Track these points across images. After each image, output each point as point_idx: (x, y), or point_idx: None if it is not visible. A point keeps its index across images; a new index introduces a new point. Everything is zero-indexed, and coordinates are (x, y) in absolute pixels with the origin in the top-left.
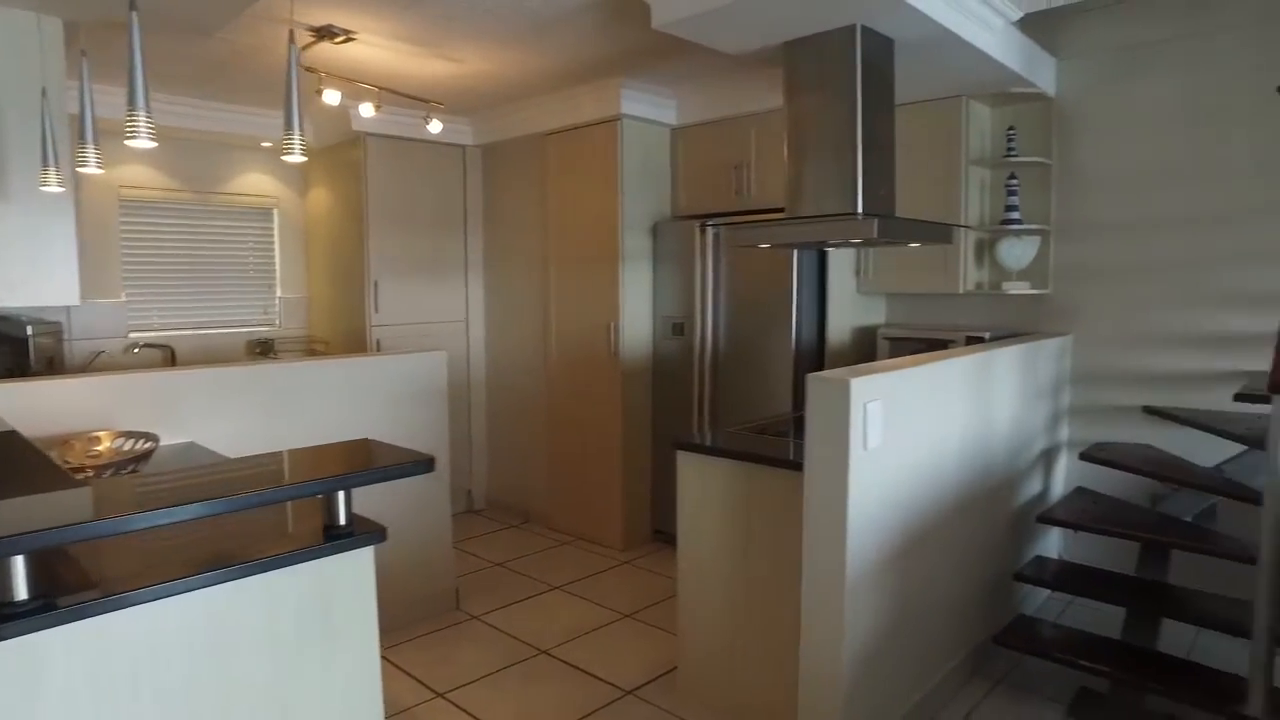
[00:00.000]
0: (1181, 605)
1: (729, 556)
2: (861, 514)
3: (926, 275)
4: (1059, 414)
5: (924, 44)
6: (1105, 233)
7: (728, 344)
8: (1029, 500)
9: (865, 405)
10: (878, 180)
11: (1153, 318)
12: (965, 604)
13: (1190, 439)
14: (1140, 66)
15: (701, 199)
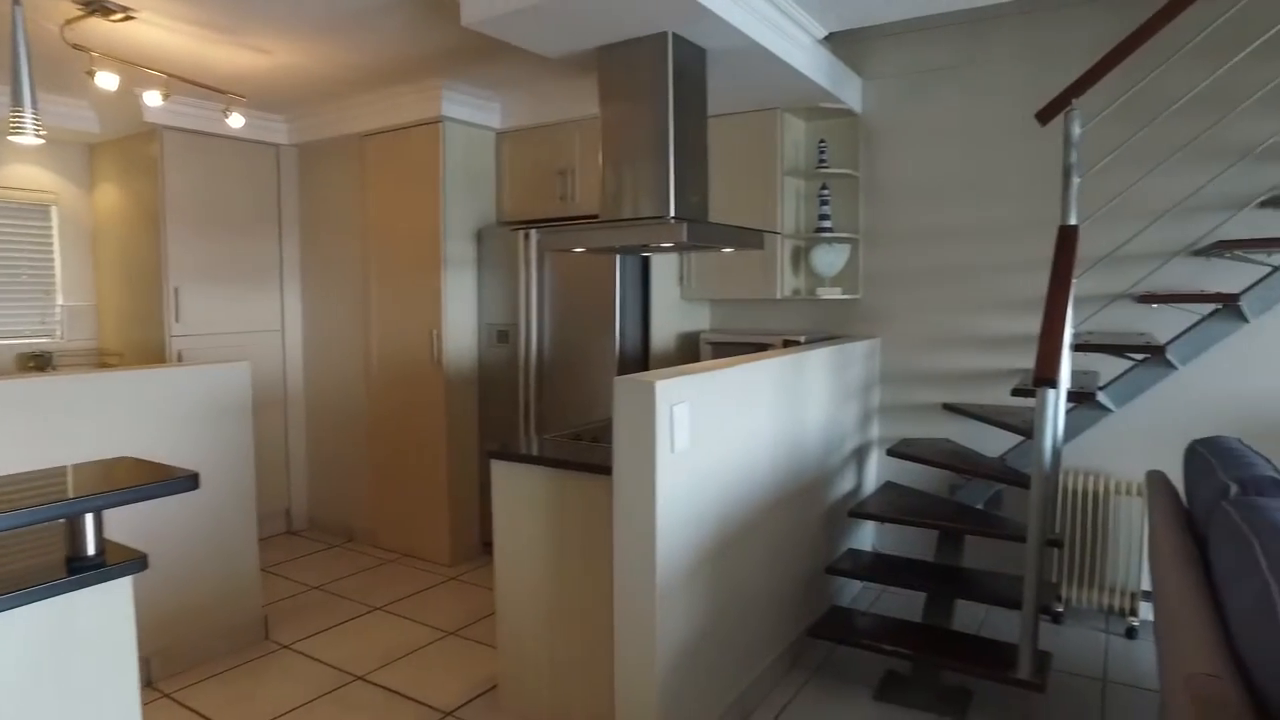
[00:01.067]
0: (972, 586)
1: (545, 566)
2: (671, 516)
3: (746, 281)
4: (869, 413)
5: (736, 55)
6: (906, 241)
7: (553, 350)
8: (842, 496)
9: (672, 408)
10: (690, 186)
11: (947, 321)
12: (782, 599)
13: (982, 432)
14: (931, 89)
15: (527, 205)
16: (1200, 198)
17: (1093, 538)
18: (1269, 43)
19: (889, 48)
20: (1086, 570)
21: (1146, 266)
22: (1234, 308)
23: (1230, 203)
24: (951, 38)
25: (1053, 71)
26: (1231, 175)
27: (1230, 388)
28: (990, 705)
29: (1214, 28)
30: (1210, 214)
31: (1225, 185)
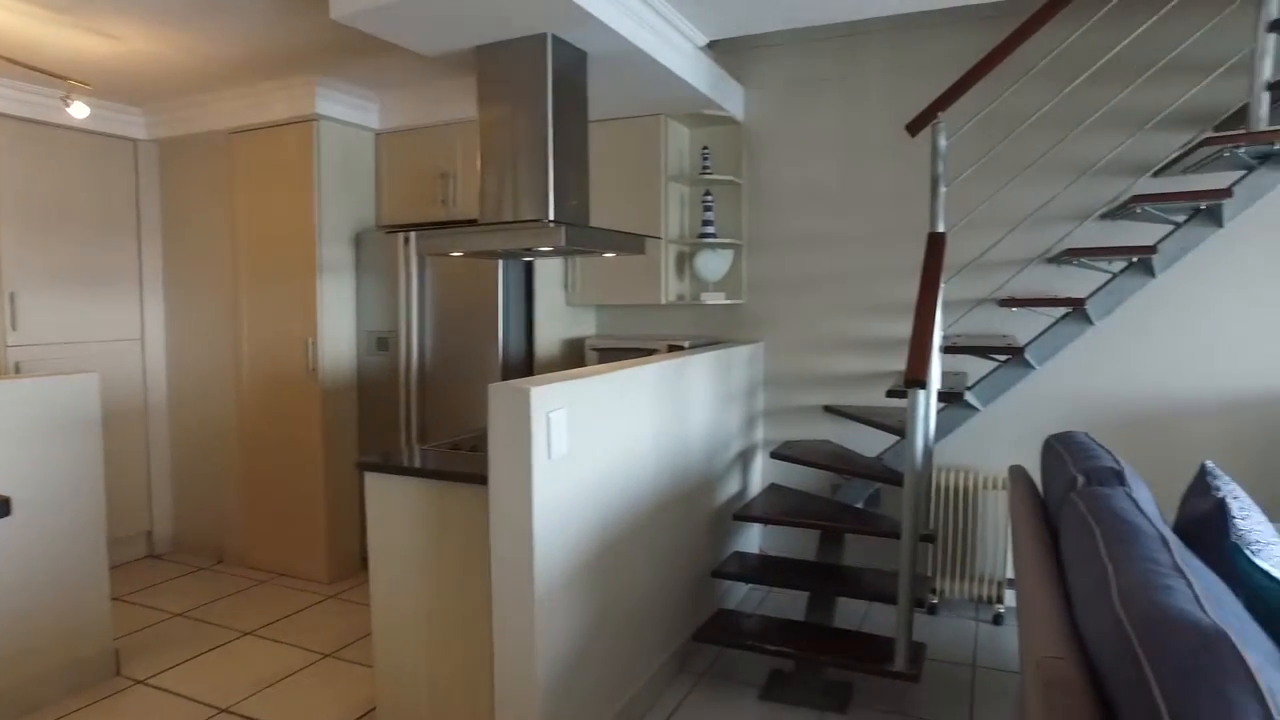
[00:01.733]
0: (853, 583)
1: (423, 580)
2: (550, 524)
3: (631, 287)
4: (754, 416)
5: (618, 59)
6: (788, 247)
7: (435, 358)
8: (728, 499)
9: (548, 414)
10: (570, 190)
11: (827, 324)
12: (668, 603)
13: (861, 432)
14: (810, 99)
15: (407, 208)
16: (1051, 209)
17: (963, 531)
18: (1103, 69)
19: (770, 58)
20: (958, 562)
21: (1007, 272)
22: (1081, 311)
23: (1076, 214)
24: (828, 50)
25: (922, 85)
26: (1077, 188)
27: (1081, 385)
28: (870, 697)
29: (1057, 53)
30: (1060, 224)
31: (1072, 198)
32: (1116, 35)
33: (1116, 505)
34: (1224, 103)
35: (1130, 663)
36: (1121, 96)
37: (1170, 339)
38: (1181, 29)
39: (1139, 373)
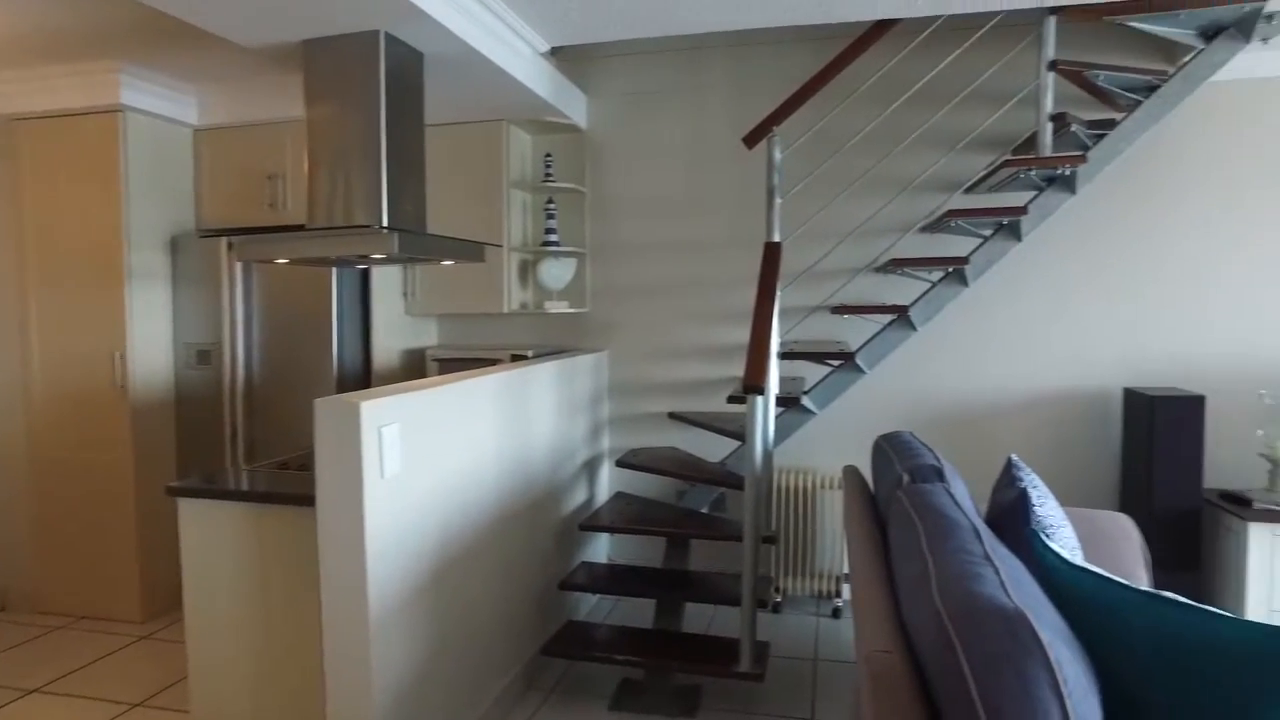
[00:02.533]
0: (699, 588)
1: (246, 612)
2: (384, 546)
3: (473, 296)
4: (599, 424)
5: (456, 61)
6: (632, 256)
7: (264, 371)
8: (574, 509)
9: (380, 429)
10: (405, 195)
11: (671, 332)
12: (515, 619)
13: (706, 438)
14: (652, 109)
15: (231, 211)
16: (877, 221)
17: (803, 530)
18: (919, 94)
19: (613, 67)
20: (799, 561)
21: (839, 281)
22: (905, 318)
23: (900, 226)
24: (670, 62)
25: (760, 100)
26: (900, 203)
27: (907, 387)
28: (719, 699)
29: (878, 78)
30: (886, 236)
31: (896, 211)
32: (929, 64)
33: (937, 501)
34: (1020, 129)
35: (947, 649)
36: (934, 120)
37: (982, 343)
38: (982, 62)
39: (956, 374)
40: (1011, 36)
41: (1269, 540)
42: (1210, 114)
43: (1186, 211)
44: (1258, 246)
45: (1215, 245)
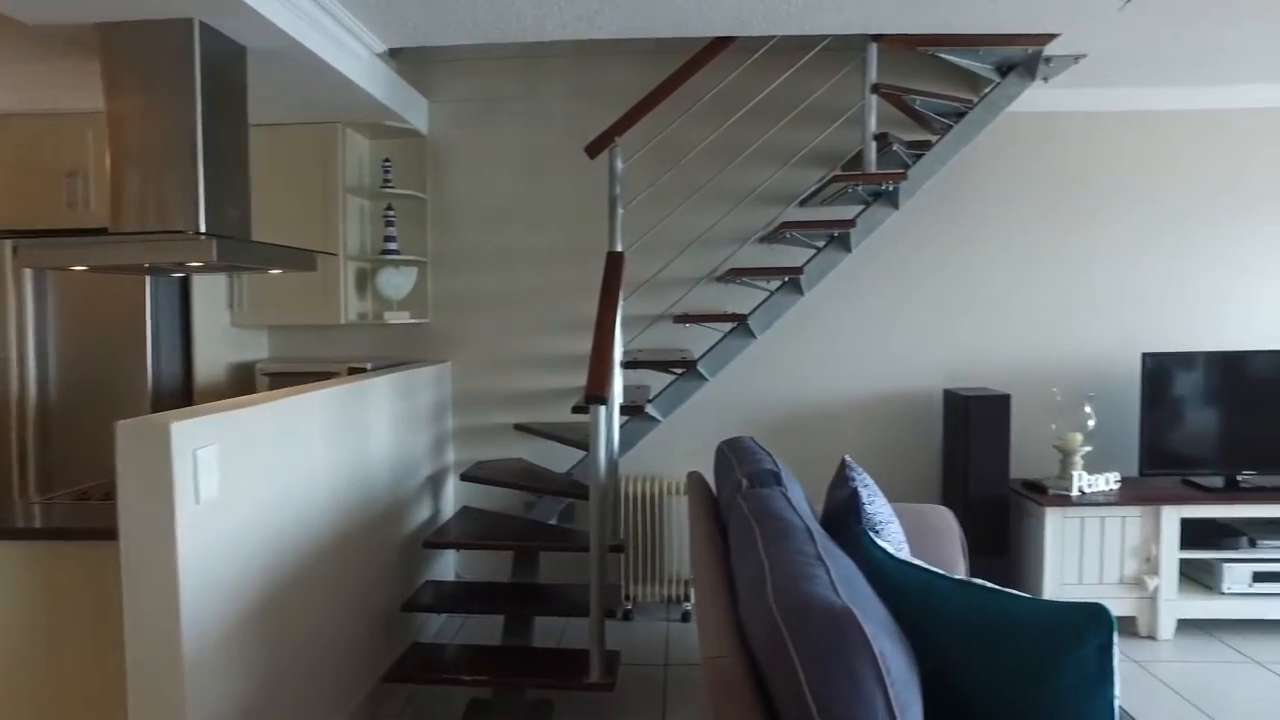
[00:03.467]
0: (548, 601)
1: (31, 664)
2: (201, 578)
3: (307, 306)
4: (443, 438)
5: (282, 57)
6: (475, 265)
7: (63, 390)
8: (419, 526)
9: (195, 452)
10: (227, 199)
11: (516, 342)
12: (358, 644)
13: (553, 449)
14: (496, 117)
15: (23, 211)
16: (717, 232)
17: (652, 537)
18: (755, 110)
19: (454, 72)
20: (648, 567)
21: (682, 290)
22: (745, 326)
23: (738, 237)
24: (513, 69)
25: (603, 110)
26: (738, 214)
27: (749, 393)
28: (571, 712)
29: (715, 93)
30: (726, 246)
31: (735, 222)
32: (764, 82)
33: (773, 505)
34: (848, 147)
35: (780, 649)
36: (769, 135)
37: (818, 349)
38: (813, 82)
39: (795, 380)
40: (839, 60)
41: (1061, 523)
42: (1011, 141)
43: (994, 228)
44: (1053, 260)
45: (1018, 259)
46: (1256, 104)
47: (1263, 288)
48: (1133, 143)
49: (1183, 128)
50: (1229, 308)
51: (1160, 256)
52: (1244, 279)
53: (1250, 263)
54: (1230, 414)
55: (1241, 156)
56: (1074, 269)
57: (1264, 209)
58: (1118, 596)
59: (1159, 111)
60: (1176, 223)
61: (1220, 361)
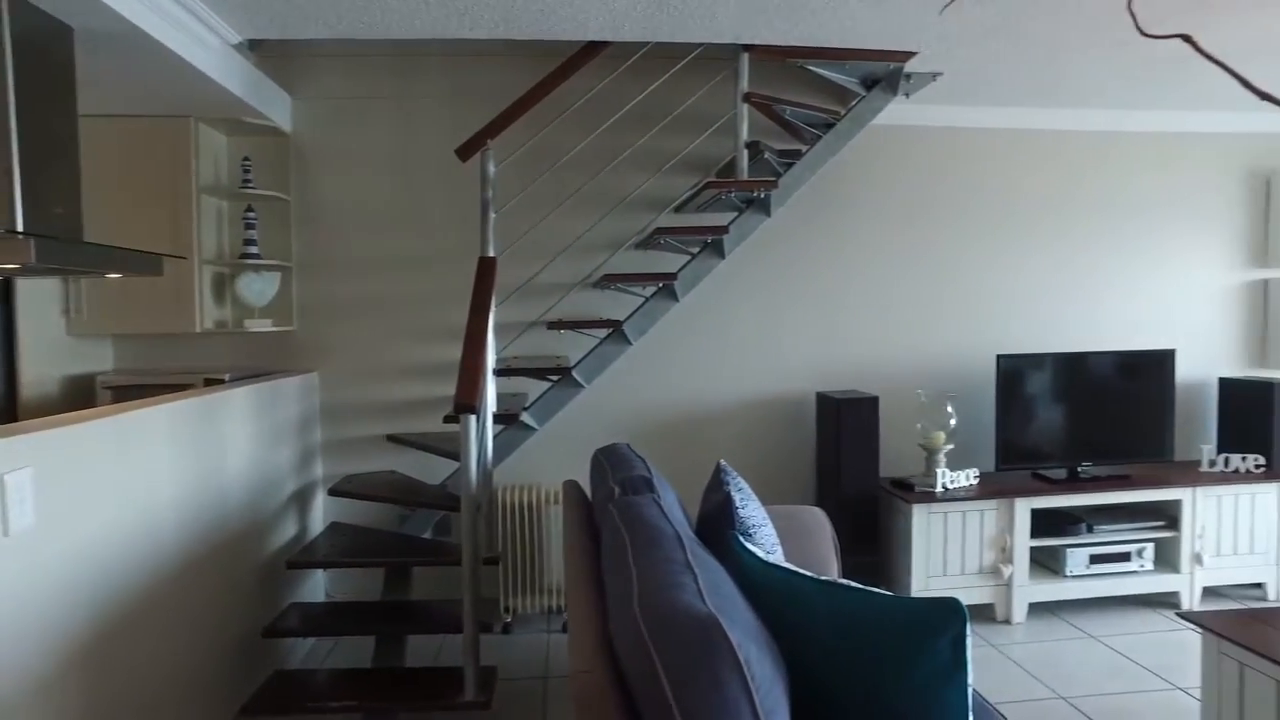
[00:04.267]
0: (422, 618)
1: None
2: (8, 619)
3: (157, 313)
4: (310, 452)
5: (119, 42)
6: (345, 270)
7: None
8: (282, 546)
9: (3, 477)
10: (49, 193)
11: (388, 351)
12: (210, 677)
13: (428, 460)
14: (366, 116)
15: None
16: (593, 238)
17: (530, 547)
18: (629, 116)
19: (320, 68)
20: (527, 578)
21: (556, 296)
22: (620, 332)
23: (614, 243)
24: (385, 67)
25: (477, 112)
26: (614, 220)
27: (627, 399)
28: None
29: (589, 98)
30: (602, 252)
31: (610, 228)
32: (638, 88)
33: (645, 513)
34: (721, 154)
35: (646, 660)
36: (643, 141)
37: (695, 355)
38: (686, 90)
39: (673, 385)
40: (712, 68)
41: (926, 519)
42: (878, 152)
43: (863, 236)
44: (917, 267)
45: (886, 266)
46: (1091, 126)
47: (1101, 292)
48: (986, 158)
49: (1030, 145)
50: (1073, 311)
51: (1013, 264)
52: (1085, 285)
53: (1090, 269)
54: (1072, 410)
55: (1080, 173)
56: (936, 276)
57: (1100, 221)
58: (978, 585)
59: (1010, 129)
60: (1026, 233)
61: (1064, 362)
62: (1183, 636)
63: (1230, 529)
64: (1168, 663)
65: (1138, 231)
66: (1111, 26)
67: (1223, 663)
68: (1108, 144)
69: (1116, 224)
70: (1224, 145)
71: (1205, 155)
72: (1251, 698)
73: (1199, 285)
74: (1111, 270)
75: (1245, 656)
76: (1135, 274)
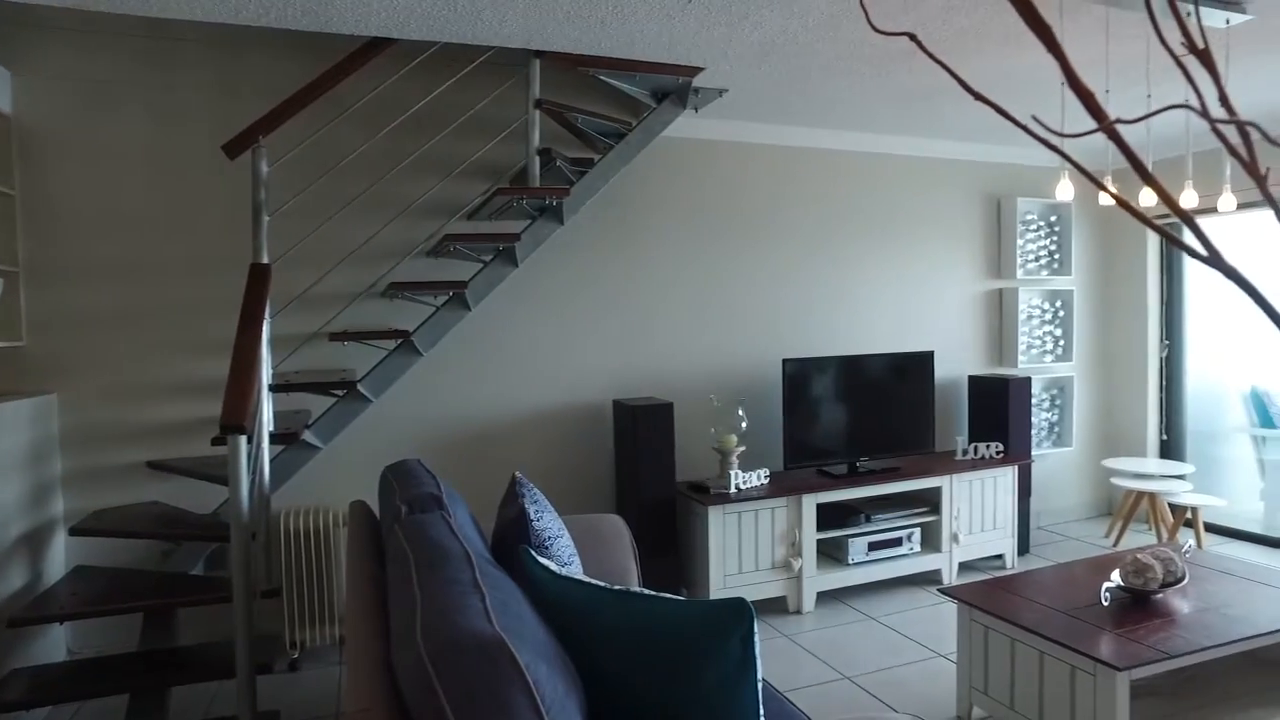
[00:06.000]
0: (188, 666)
1: None
2: None
3: None
4: (46, 486)
5: None
6: (92, 277)
7: None
8: (5, 601)
9: None
10: None
11: (146, 368)
12: None
13: (197, 487)
14: (112, 103)
15: None
16: (380, 245)
17: (320, 574)
18: (416, 118)
19: (53, 44)
20: (317, 609)
21: (339, 306)
22: (409, 343)
23: (403, 250)
24: (136, 51)
25: (247, 106)
26: (404, 226)
27: (421, 412)
28: None
29: (373, 97)
30: (390, 259)
31: (399, 234)
32: (427, 89)
33: (432, 532)
34: (514, 161)
35: (428, 690)
36: (432, 144)
37: (491, 365)
38: (477, 93)
39: (469, 397)
40: (503, 73)
41: (722, 519)
42: (672, 164)
43: (658, 245)
44: (709, 276)
45: (679, 275)
46: (863, 148)
47: (874, 301)
48: (772, 173)
49: (812, 163)
50: (850, 318)
51: (797, 274)
52: (861, 293)
53: (864, 280)
54: (850, 409)
55: (855, 191)
56: (728, 285)
57: (872, 235)
58: (771, 580)
59: (794, 147)
60: (809, 245)
61: (841, 364)
62: (944, 609)
63: (979, 510)
64: (933, 633)
65: (902, 246)
66: (872, 58)
67: (972, 628)
68: (878, 165)
69: (886, 238)
70: (967, 171)
71: (954, 179)
72: (994, 655)
73: (952, 294)
74: (882, 281)
75: (989, 620)
76: (902, 284)
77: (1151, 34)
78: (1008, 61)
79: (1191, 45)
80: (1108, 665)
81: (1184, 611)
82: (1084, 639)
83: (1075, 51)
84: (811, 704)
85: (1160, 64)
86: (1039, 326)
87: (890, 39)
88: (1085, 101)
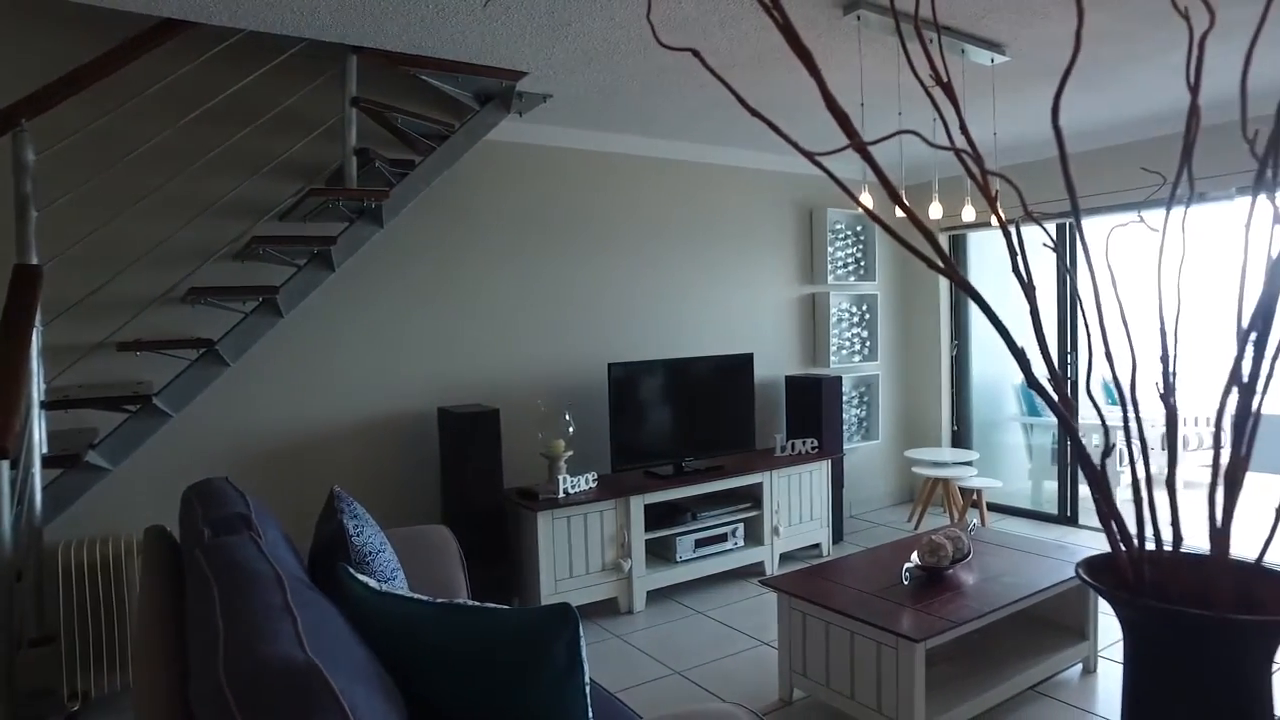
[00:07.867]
0: None
1: None
2: None
3: None
4: None
5: None
6: None
7: None
8: None
9: None
10: None
11: None
12: None
13: None
14: None
15: None
16: (176, 245)
17: (111, 612)
18: (221, 111)
19: None
20: (108, 652)
21: (130, 312)
22: (214, 352)
23: (206, 252)
24: None
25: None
26: (201, 226)
27: (230, 427)
28: None
29: (169, 83)
30: (187, 262)
31: (200, 235)
32: (233, 79)
33: (238, 554)
34: (331, 160)
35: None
36: (238, 139)
37: (308, 375)
38: (290, 87)
39: (283, 409)
40: (318, 67)
41: (550, 524)
42: (496, 168)
43: (482, 250)
44: (534, 281)
45: (504, 280)
46: (686, 157)
47: (697, 305)
48: (597, 179)
49: (637, 170)
50: (674, 322)
51: (622, 279)
52: (685, 298)
53: (688, 285)
54: (675, 411)
55: (678, 199)
56: (552, 290)
57: (696, 241)
58: (602, 582)
59: (619, 154)
60: (633, 251)
61: (666, 368)
62: (767, 599)
63: (797, 502)
64: (758, 623)
65: (723, 252)
66: (689, 70)
67: (791, 615)
68: (699, 174)
69: (707, 245)
70: (782, 182)
71: (770, 190)
72: (811, 638)
73: (769, 299)
74: (704, 286)
75: (805, 607)
76: (723, 289)
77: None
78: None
79: (937, 78)
80: (907, 638)
81: (970, 583)
82: (887, 617)
83: (863, 74)
84: (643, 702)
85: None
86: (848, 329)
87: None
88: (840, 122)
